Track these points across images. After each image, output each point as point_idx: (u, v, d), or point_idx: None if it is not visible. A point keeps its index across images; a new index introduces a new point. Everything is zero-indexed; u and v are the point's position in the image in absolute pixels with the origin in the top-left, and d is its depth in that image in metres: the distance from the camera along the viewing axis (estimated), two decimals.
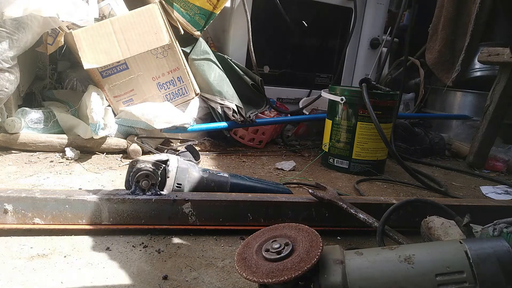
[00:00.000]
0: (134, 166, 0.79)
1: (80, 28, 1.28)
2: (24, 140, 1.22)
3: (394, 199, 0.87)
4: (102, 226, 0.76)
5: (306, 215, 0.83)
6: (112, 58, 1.30)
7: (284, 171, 1.31)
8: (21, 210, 0.72)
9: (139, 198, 0.76)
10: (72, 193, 0.76)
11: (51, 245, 0.70)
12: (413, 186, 1.28)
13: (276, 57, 1.97)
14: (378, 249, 0.55)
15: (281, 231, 0.58)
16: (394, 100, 1.34)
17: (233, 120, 1.45)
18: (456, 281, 0.48)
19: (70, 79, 1.54)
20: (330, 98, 1.38)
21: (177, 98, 1.45)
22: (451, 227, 0.75)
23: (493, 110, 1.55)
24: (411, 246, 0.55)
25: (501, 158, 1.63)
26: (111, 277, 0.62)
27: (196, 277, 0.64)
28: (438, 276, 0.49)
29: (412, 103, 2.36)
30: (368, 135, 1.31)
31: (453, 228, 0.74)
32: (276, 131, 1.67)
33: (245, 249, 0.56)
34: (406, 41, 1.55)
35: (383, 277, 0.50)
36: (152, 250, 0.71)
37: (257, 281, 0.50)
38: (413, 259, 0.51)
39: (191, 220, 0.78)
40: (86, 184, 1.01)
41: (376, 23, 1.99)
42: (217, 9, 1.54)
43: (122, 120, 1.34)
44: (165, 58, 1.37)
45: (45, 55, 1.47)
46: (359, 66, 2.03)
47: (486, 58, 1.56)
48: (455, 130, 2.06)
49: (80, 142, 1.26)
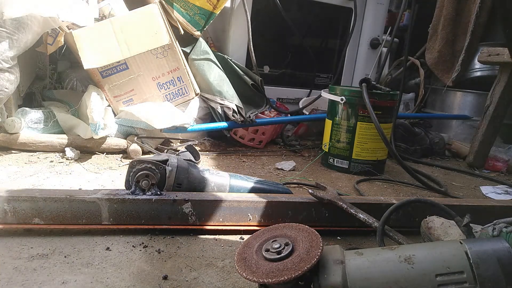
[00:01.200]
0: (134, 166, 0.79)
1: (80, 28, 1.28)
2: (24, 140, 1.22)
3: (394, 199, 0.87)
4: (102, 226, 0.76)
5: (306, 215, 0.83)
6: (112, 58, 1.30)
7: (284, 171, 1.31)
8: (21, 210, 0.72)
9: (139, 198, 0.76)
10: (72, 193, 0.75)
11: (51, 245, 0.70)
12: (413, 186, 1.28)
13: (276, 57, 1.97)
14: (378, 249, 0.55)
15: (281, 231, 0.58)
16: (394, 100, 1.34)
17: (233, 120, 1.45)
18: (456, 282, 0.48)
19: (70, 79, 1.54)
20: (330, 98, 1.38)
21: (177, 98, 1.45)
22: (451, 227, 0.75)
23: (493, 110, 1.55)
24: (411, 246, 0.56)
25: (501, 158, 1.63)
26: (111, 277, 0.62)
27: (196, 277, 0.64)
28: (438, 276, 0.49)
29: (412, 103, 2.36)
30: (368, 135, 1.31)
31: (453, 228, 0.74)
32: (276, 131, 1.67)
33: (245, 249, 0.56)
34: (406, 41, 1.55)
35: (383, 277, 0.50)
36: (152, 250, 0.71)
37: (257, 281, 0.50)
38: (413, 259, 0.51)
39: (191, 220, 0.78)
40: (86, 184, 1.01)
41: (376, 23, 1.99)
42: (217, 9, 1.54)
43: (122, 120, 1.34)
44: (165, 58, 1.37)
45: (45, 55, 1.47)
46: (359, 66, 2.03)
47: (486, 58, 1.56)
48: (455, 130, 2.06)
49: (80, 142, 1.26)
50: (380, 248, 0.56)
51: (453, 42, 2.09)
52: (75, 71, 1.56)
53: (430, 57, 2.17)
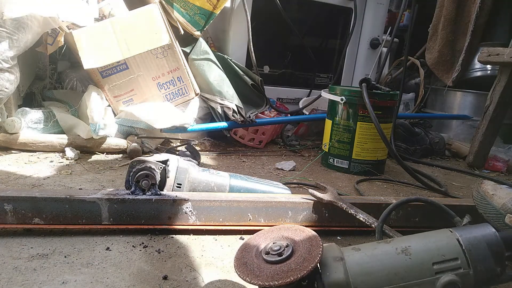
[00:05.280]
0: (134, 166, 0.79)
1: (80, 28, 1.28)
2: (24, 140, 1.22)
3: (394, 199, 0.87)
4: (102, 226, 0.76)
5: (306, 215, 0.83)
6: (112, 58, 1.30)
7: (284, 171, 1.31)
8: (21, 210, 0.72)
9: (139, 198, 0.76)
10: (72, 193, 0.75)
11: (51, 245, 0.70)
12: (413, 186, 1.28)
13: (276, 57, 1.97)
14: (374, 243, 0.56)
15: (278, 233, 0.58)
16: (394, 100, 1.34)
17: (233, 120, 1.45)
18: (452, 268, 0.51)
19: (70, 79, 1.54)
20: (330, 98, 1.38)
21: (177, 98, 1.45)
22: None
23: (493, 110, 1.55)
24: (405, 238, 0.57)
25: (501, 158, 1.63)
26: (111, 277, 0.62)
27: (196, 277, 0.64)
28: (435, 264, 0.51)
29: (412, 103, 2.36)
30: (368, 135, 1.31)
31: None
32: (276, 131, 1.67)
33: (244, 253, 0.56)
34: (406, 41, 1.55)
35: (383, 270, 0.51)
36: (152, 250, 0.71)
37: (263, 285, 0.49)
38: (410, 250, 0.53)
39: (191, 220, 0.78)
40: (86, 184, 1.01)
41: (376, 23, 1.99)
42: (217, 9, 1.54)
43: (122, 120, 1.34)
44: (165, 58, 1.37)
45: (45, 55, 1.47)
46: (359, 66, 2.03)
47: (486, 58, 1.56)
48: (455, 130, 2.06)
49: (80, 142, 1.26)
50: (376, 243, 0.57)
51: (453, 42, 2.09)
52: (75, 71, 1.56)
53: (430, 57, 2.17)
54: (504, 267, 0.52)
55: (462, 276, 0.51)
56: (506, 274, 0.53)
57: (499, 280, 0.52)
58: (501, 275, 0.52)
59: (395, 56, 2.50)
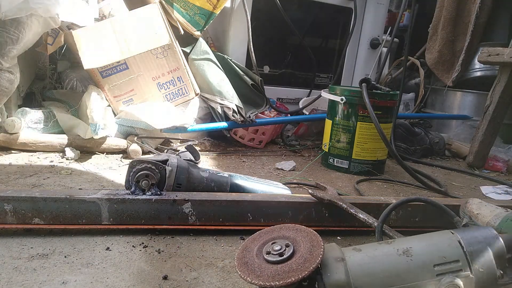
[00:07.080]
0: (134, 166, 0.79)
1: (80, 28, 1.28)
2: (24, 140, 1.22)
3: (394, 199, 0.87)
4: (102, 226, 0.76)
5: (306, 215, 0.83)
6: (112, 58, 1.30)
7: (284, 171, 1.31)
8: (21, 210, 0.72)
9: (139, 198, 0.76)
10: (72, 193, 0.75)
11: (51, 245, 0.70)
12: (413, 186, 1.28)
13: (276, 57, 1.97)
14: (375, 244, 0.56)
15: (279, 233, 0.58)
16: (394, 100, 1.34)
17: (233, 120, 1.45)
18: (453, 270, 0.51)
19: (70, 79, 1.54)
20: (330, 98, 1.38)
21: (177, 98, 1.45)
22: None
23: (493, 110, 1.54)
24: (406, 239, 0.57)
25: (501, 158, 1.63)
26: (111, 277, 0.62)
27: (196, 277, 0.64)
28: (436, 266, 0.51)
29: (412, 103, 2.36)
30: (368, 135, 1.31)
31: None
32: (276, 131, 1.67)
33: (245, 253, 0.56)
34: (406, 41, 1.55)
35: (384, 271, 0.51)
36: (152, 250, 0.71)
37: (264, 285, 0.49)
38: (411, 252, 0.53)
39: (191, 220, 0.78)
40: (86, 184, 1.01)
41: (376, 23, 1.99)
42: (217, 9, 1.54)
43: (122, 120, 1.34)
44: (165, 58, 1.37)
45: (45, 55, 1.47)
46: (359, 66, 2.03)
47: (486, 58, 1.56)
48: (455, 130, 2.06)
49: (80, 142, 1.26)
50: (377, 243, 0.56)
51: (453, 42, 2.09)
52: (75, 71, 1.56)
53: (430, 57, 2.17)
54: (506, 269, 0.52)
55: (463, 278, 0.50)
56: (508, 276, 0.52)
57: (501, 282, 0.52)
58: (502, 278, 0.52)
59: (395, 56, 2.50)
